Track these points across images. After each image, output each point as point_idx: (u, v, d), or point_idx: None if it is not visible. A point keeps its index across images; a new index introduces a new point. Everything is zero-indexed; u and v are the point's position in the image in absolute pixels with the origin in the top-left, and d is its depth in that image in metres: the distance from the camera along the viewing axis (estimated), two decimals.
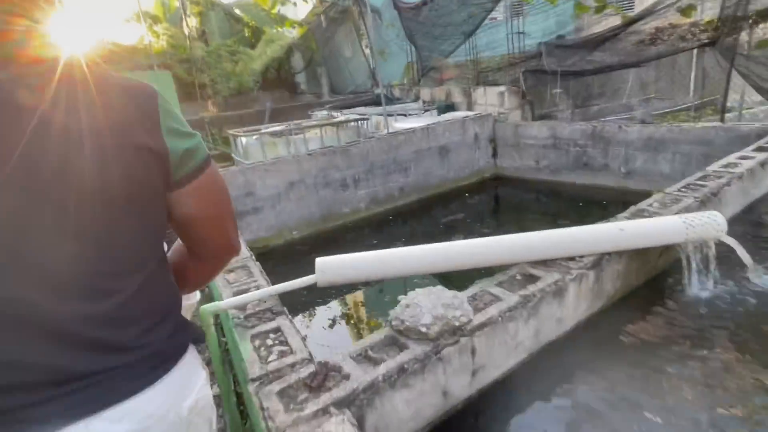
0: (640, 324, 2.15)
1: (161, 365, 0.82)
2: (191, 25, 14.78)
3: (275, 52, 14.43)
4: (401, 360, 1.49)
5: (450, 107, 7.91)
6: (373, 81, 11.07)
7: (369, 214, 5.50)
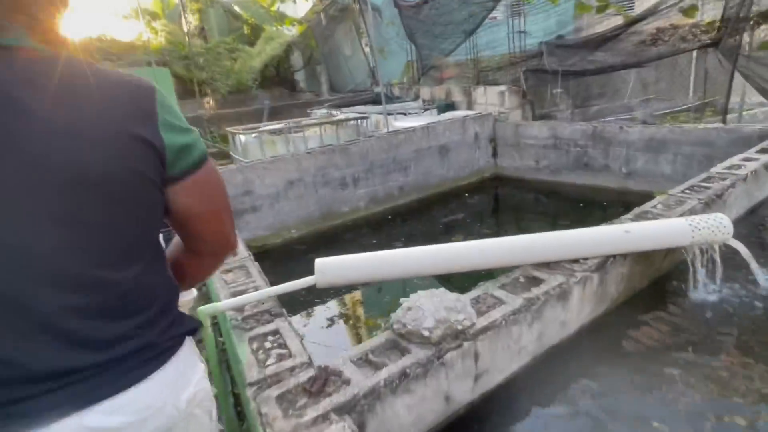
0: (645, 328, 2.12)
1: (157, 358, 0.82)
2: (190, 21, 14.72)
3: (274, 49, 14.39)
4: (403, 364, 1.46)
5: (450, 106, 7.86)
6: (373, 79, 11.02)
7: (368, 213, 5.46)
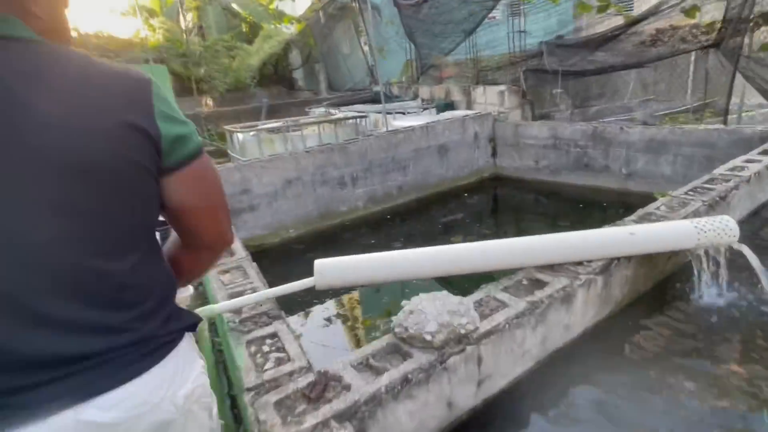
0: (649, 333, 2.09)
1: (154, 353, 0.81)
2: (188, 19, 14.64)
3: (273, 48, 14.32)
4: (405, 369, 1.42)
5: (449, 106, 7.83)
6: (372, 78, 10.97)
7: (367, 213, 5.41)
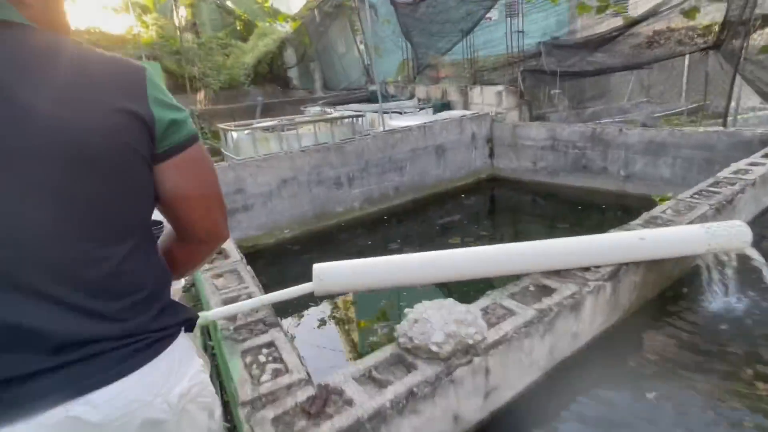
0: (657, 340, 2.03)
1: (147, 348, 0.79)
2: (182, 16, 14.46)
3: (267, 46, 14.19)
4: (410, 382, 1.34)
5: (446, 106, 7.77)
6: (368, 77, 10.89)
7: (363, 213, 5.34)
